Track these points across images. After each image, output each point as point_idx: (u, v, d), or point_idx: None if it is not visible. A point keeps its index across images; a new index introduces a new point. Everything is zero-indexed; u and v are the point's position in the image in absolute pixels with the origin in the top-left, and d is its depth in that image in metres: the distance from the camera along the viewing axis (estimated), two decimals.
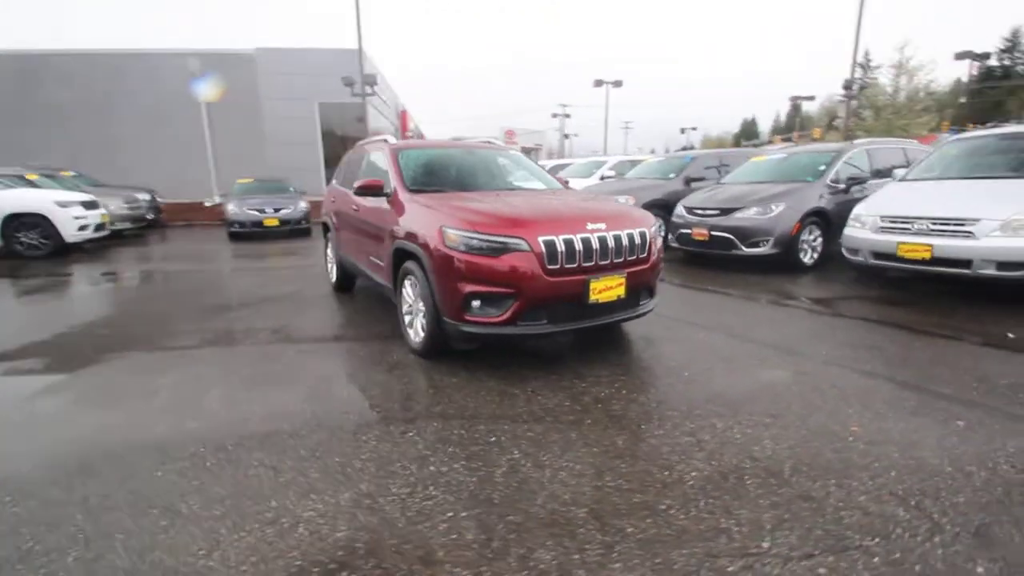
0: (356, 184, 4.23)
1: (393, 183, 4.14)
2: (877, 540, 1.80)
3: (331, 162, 19.57)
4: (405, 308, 3.89)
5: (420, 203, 3.76)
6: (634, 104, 52.17)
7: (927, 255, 4.98)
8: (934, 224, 4.99)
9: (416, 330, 3.73)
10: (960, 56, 21.00)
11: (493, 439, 2.53)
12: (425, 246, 3.36)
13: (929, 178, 5.88)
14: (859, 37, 16.96)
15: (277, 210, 11.42)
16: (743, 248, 6.69)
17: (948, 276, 4.96)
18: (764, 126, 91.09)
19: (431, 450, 2.44)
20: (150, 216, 12.82)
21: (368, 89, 15.93)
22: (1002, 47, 53.01)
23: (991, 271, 4.64)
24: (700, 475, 2.20)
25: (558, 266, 3.15)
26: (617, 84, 29.86)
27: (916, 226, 5.11)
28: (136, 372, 3.55)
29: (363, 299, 5.64)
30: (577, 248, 3.19)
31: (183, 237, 12.58)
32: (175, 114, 17.54)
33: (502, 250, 3.10)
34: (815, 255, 6.80)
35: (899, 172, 6.49)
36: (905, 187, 5.88)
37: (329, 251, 6.22)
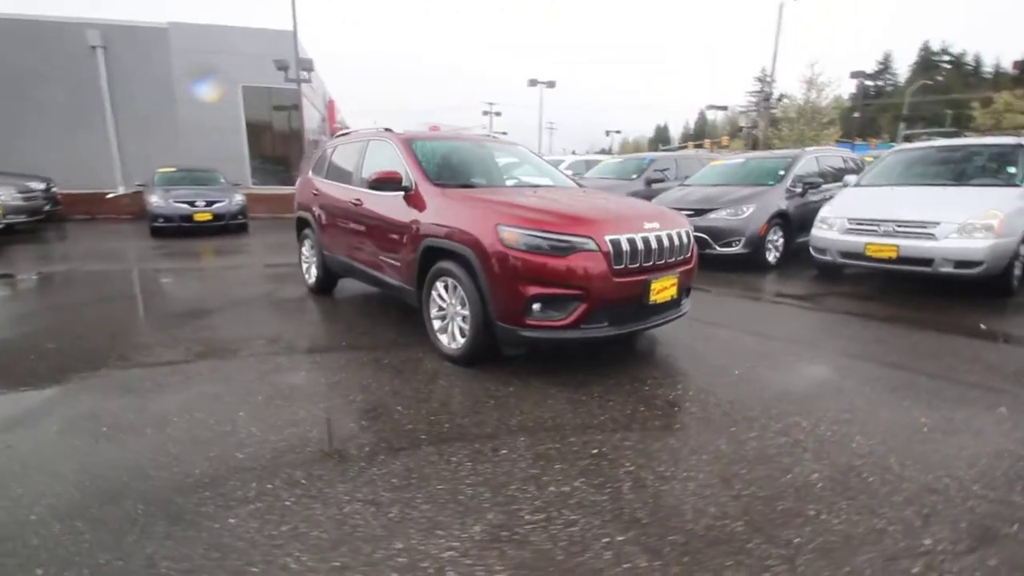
0: (371, 177, 3.86)
1: (413, 177, 3.82)
2: (1016, 527, 1.88)
3: (258, 152, 18.11)
4: (434, 312, 3.60)
5: (455, 199, 3.49)
6: (559, 106, 53.24)
7: (894, 255, 5.44)
8: (899, 226, 5.46)
9: (451, 336, 3.47)
10: (855, 75, 23.63)
11: (595, 451, 2.38)
12: (475, 245, 3.11)
13: (883, 184, 6.45)
14: (776, 54, 18.48)
15: (210, 203, 10.31)
16: (716, 247, 6.98)
17: (911, 273, 5.46)
18: (675, 132, 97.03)
19: (538, 468, 2.24)
20: (48, 208, 11.09)
21: (304, 75, 14.84)
22: (876, 69, 60.35)
23: (949, 269, 5.15)
24: (822, 476, 2.19)
25: (623, 266, 3.05)
26: (550, 85, 30.28)
27: (883, 228, 5.57)
28: (123, 394, 2.99)
29: (351, 302, 5.20)
30: (639, 248, 3.11)
31: (89, 233, 11.00)
32: (71, 92, 15.30)
33: (569, 250, 2.94)
34: (778, 254, 7.25)
35: (851, 178, 7.08)
36: (864, 192, 6.41)
37: (305, 250, 5.67)
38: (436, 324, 3.61)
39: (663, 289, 3.24)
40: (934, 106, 50.31)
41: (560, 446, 2.43)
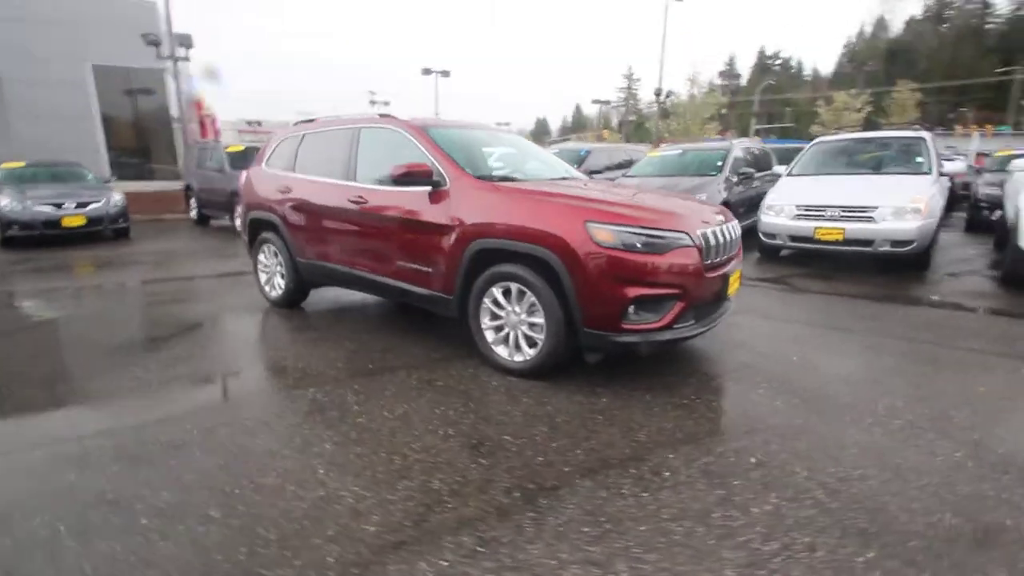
0: (396, 172, 3.32)
1: (445, 170, 3.36)
2: None
3: (116, 143, 15.37)
4: (487, 322, 3.22)
5: (512, 194, 3.14)
6: (447, 97, 52.25)
7: (840, 237, 6.03)
8: (844, 211, 6.05)
9: (512, 347, 3.12)
10: (722, 75, 26.24)
11: (753, 460, 2.24)
12: (559, 245, 2.79)
13: (814, 174, 7.13)
14: (664, 52, 19.82)
15: (82, 205, 8.46)
16: None
17: (853, 254, 6.09)
18: (553, 125, 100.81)
19: (719, 488, 2.05)
20: None
21: (182, 52, 12.71)
22: (722, 71, 67.75)
23: (887, 248, 5.83)
24: (966, 454, 2.27)
25: (710, 261, 2.94)
26: (445, 74, 29.52)
27: (829, 213, 6.14)
28: (136, 466, 2.24)
29: (333, 315, 4.54)
30: (720, 241, 3.03)
31: None
32: None
33: (667, 247, 2.75)
34: None
35: (781, 168, 7.76)
36: (802, 181, 7.02)
37: (264, 258, 4.83)
38: (490, 336, 3.23)
39: (735, 282, 3.20)
40: (774, 104, 57.79)
41: (714, 459, 2.26)
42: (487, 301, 3.19)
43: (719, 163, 8.06)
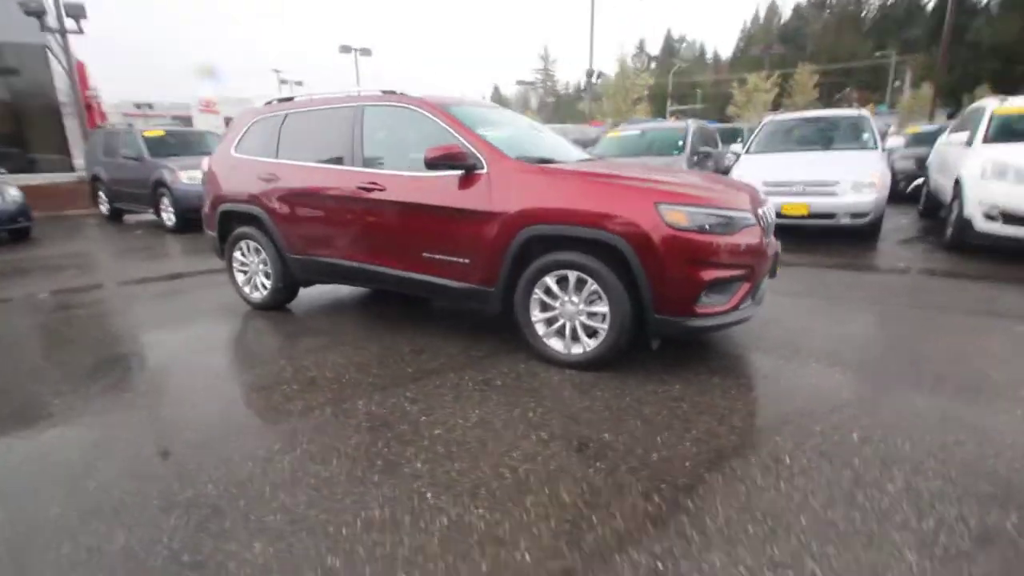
0: (431, 154, 3.00)
1: (480, 152, 3.09)
2: None
3: None
4: (537, 314, 3.03)
5: (565, 177, 2.95)
6: (363, 77, 49.54)
7: (805, 211, 6.38)
8: (808, 186, 6.40)
9: (572, 338, 2.97)
10: (634, 58, 26.93)
11: (860, 436, 2.27)
12: (629, 229, 2.65)
13: (771, 151, 7.48)
14: (593, 35, 20.00)
15: None
16: None
17: (816, 226, 6.48)
18: None
19: (861, 472, 2.04)
20: None
21: (72, 24, 10.87)
22: (634, 53, 69.85)
23: (847, 220, 6.25)
24: None
25: (769, 240, 2.94)
26: (365, 52, 27.87)
27: (794, 188, 6.47)
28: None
29: (331, 314, 4.13)
30: (771, 220, 3.03)
31: None
32: None
33: (737, 226, 2.70)
34: None
35: (736, 147, 8.09)
36: (762, 158, 7.34)
37: (241, 255, 4.28)
38: (541, 328, 3.05)
39: (778, 260, 3.24)
40: (682, 87, 60.52)
41: (820, 439, 2.25)
42: (538, 292, 3.00)
43: (680, 142, 8.26)
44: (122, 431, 2.45)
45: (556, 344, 3.03)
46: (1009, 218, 5.07)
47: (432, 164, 3.04)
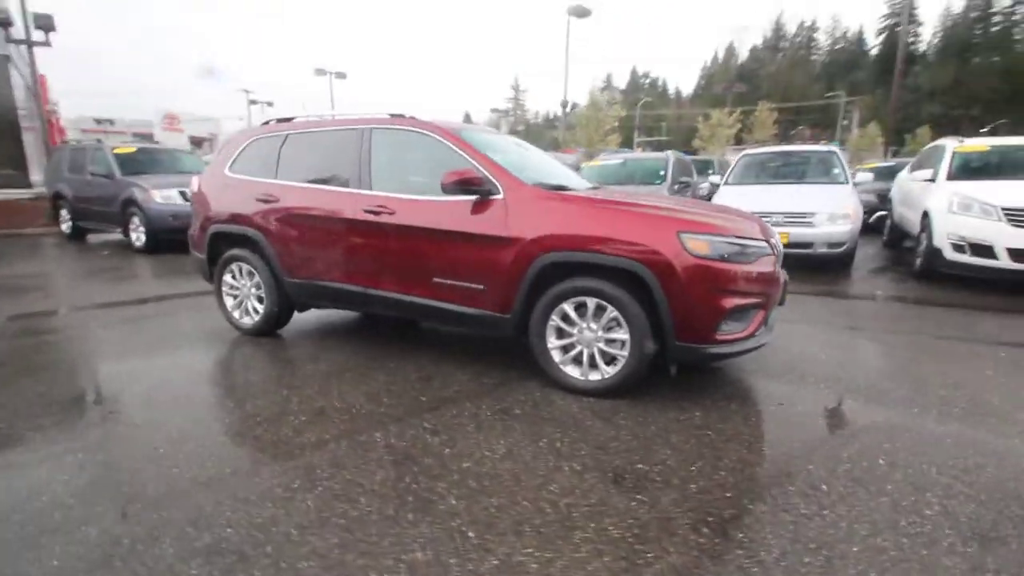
0: (448, 179, 2.97)
1: (495, 177, 3.08)
2: None
3: None
4: (554, 342, 2.99)
5: (584, 204, 2.97)
6: (334, 100, 49.43)
7: (786, 240, 6.60)
8: (787, 217, 6.65)
9: (589, 365, 2.93)
10: (602, 91, 27.90)
11: (886, 462, 2.30)
12: (651, 257, 2.66)
13: (749, 183, 7.78)
14: (567, 68, 20.64)
15: None
16: None
17: (794, 255, 6.71)
18: None
19: (897, 498, 2.06)
20: None
21: (41, 36, 10.42)
22: (602, 87, 72.21)
23: (824, 249, 6.51)
24: None
25: (779, 268, 3.00)
26: (340, 76, 27.83)
27: (775, 219, 6.71)
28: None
29: (323, 340, 3.97)
30: (780, 249, 3.11)
31: None
32: None
33: (755, 255, 2.76)
34: None
35: (715, 178, 8.37)
36: (741, 189, 7.60)
37: (231, 279, 4.10)
38: (557, 356, 3.01)
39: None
40: (647, 120, 62.81)
41: (850, 465, 2.26)
42: (555, 318, 2.97)
43: (662, 172, 8.49)
44: (118, 468, 2.26)
45: (573, 371, 2.99)
46: (976, 249, 5.38)
47: (448, 189, 3.01)
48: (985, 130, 41.24)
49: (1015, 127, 40.36)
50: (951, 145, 6.77)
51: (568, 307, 2.92)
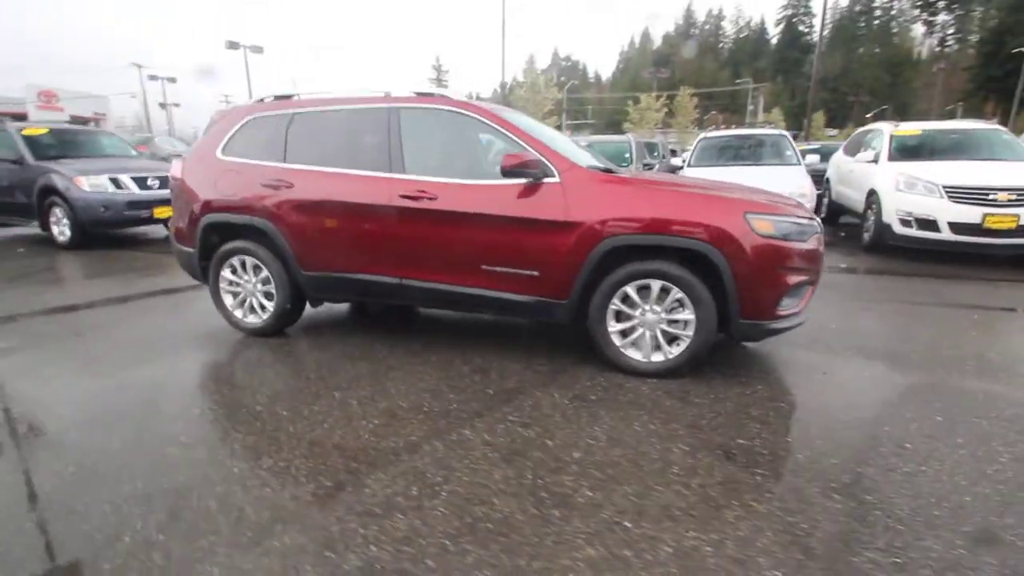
0: (508, 162, 2.85)
1: (551, 161, 3.00)
2: None
3: None
4: (614, 326, 3.00)
5: (645, 187, 2.97)
6: (242, 76, 45.47)
7: None
8: None
9: (650, 345, 2.97)
10: (524, 73, 28.10)
11: (952, 421, 2.53)
12: (720, 237, 2.72)
13: (710, 165, 8.13)
14: (504, 47, 20.43)
15: None
16: None
17: None
18: None
19: None
20: None
21: None
22: (524, 69, 72.36)
23: None
24: None
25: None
26: (256, 50, 25.54)
27: None
28: None
29: (344, 336, 3.72)
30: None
31: None
32: None
33: (810, 234, 2.89)
34: None
35: (676, 161, 8.69)
36: (703, 171, 7.92)
37: (230, 274, 3.71)
38: (617, 339, 3.02)
39: None
40: (570, 103, 63.76)
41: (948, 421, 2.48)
42: (616, 301, 2.97)
43: (627, 155, 8.69)
44: (186, 495, 1.99)
45: (634, 354, 3.01)
46: (922, 223, 6.00)
47: (509, 172, 2.89)
48: (870, 115, 45.89)
49: (897, 112, 45.21)
50: (888, 129, 7.45)
51: (631, 289, 2.93)
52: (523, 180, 2.99)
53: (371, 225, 3.28)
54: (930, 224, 5.93)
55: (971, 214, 5.66)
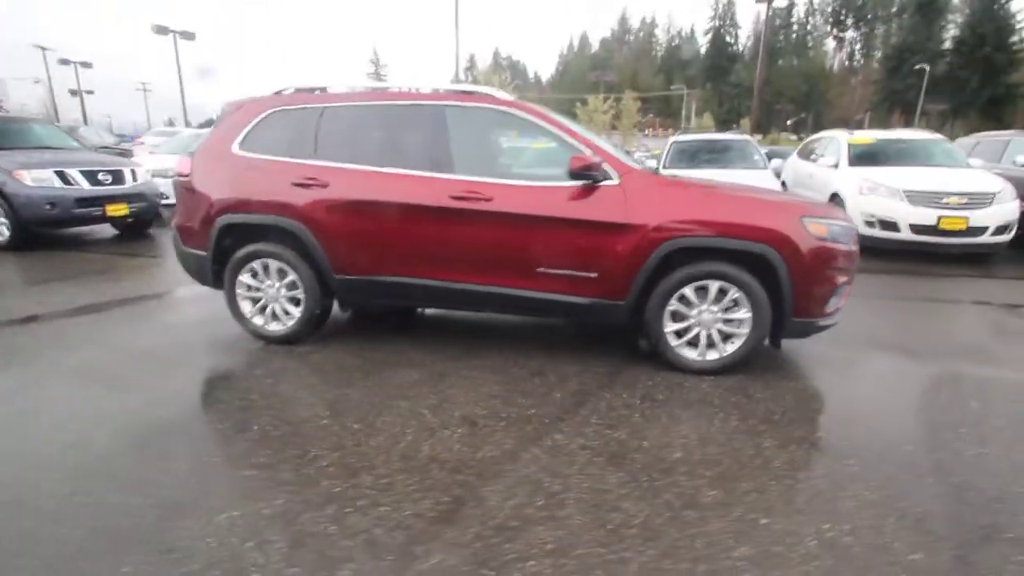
0: (576, 164, 2.83)
1: (607, 162, 3.01)
2: None
3: None
4: (671, 326, 3.06)
5: (714, 191, 3.07)
6: (162, 64, 42.09)
7: None
8: None
9: (705, 346, 3.05)
10: (466, 72, 28.21)
11: (986, 400, 2.77)
12: (780, 240, 2.84)
13: (683, 167, 8.45)
14: (458, 42, 20.21)
15: None
16: None
17: None
18: None
19: None
20: None
21: None
22: (466, 67, 72.11)
23: None
24: None
25: None
26: (188, 36, 23.59)
27: None
28: None
29: (372, 340, 3.56)
30: None
31: None
32: None
33: (852, 236, 3.07)
34: None
35: (652, 163, 8.96)
36: (679, 173, 8.22)
37: (250, 278, 3.44)
38: (672, 339, 3.08)
39: None
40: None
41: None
42: (673, 302, 3.02)
43: None
44: (316, 487, 1.84)
45: (689, 352, 3.09)
46: (885, 224, 6.54)
47: (576, 175, 2.88)
48: (790, 122, 49.37)
49: (815, 121, 48.89)
50: (844, 137, 8.05)
51: (689, 290, 3.00)
52: (582, 182, 2.98)
53: (419, 227, 3.15)
54: (892, 225, 6.47)
55: (928, 216, 6.23)
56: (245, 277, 3.46)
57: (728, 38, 75.09)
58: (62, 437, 2.35)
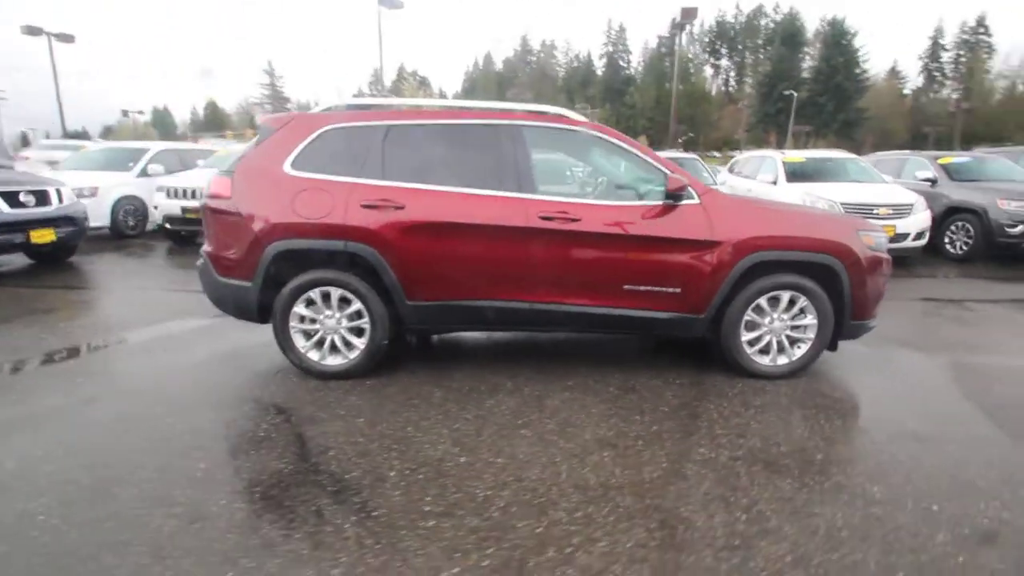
0: (674, 185, 2.95)
1: (690, 182, 3.15)
2: None
3: None
4: (745, 335, 3.25)
5: (781, 208, 3.30)
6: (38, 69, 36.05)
7: None
8: None
9: (776, 352, 3.28)
10: (371, 86, 27.76)
11: (1012, 384, 3.23)
12: (843, 252, 3.14)
13: None
14: (382, 53, 19.75)
15: None
16: None
17: None
18: (179, 118, 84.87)
19: None
20: None
21: None
22: (370, 81, 70.42)
23: None
24: None
25: None
26: (66, 39, 20.40)
27: None
28: None
29: (437, 369, 3.40)
30: None
31: None
32: None
33: (887, 245, 3.45)
34: None
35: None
36: None
37: (305, 309, 3.13)
38: (747, 347, 3.27)
39: None
40: None
41: None
42: (749, 312, 3.22)
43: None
44: (535, 524, 1.72)
45: (762, 359, 3.29)
46: None
47: (672, 196, 2.98)
48: (681, 140, 53.74)
49: (704, 140, 53.74)
50: (778, 156, 9.00)
51: (763, 301, 3.21)
52: (664, 202, 3.10)
53: (504, 248, 3.07)
54: None
55: None
56: (299, 309, 3.14)
57: (621, 62, 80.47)
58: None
